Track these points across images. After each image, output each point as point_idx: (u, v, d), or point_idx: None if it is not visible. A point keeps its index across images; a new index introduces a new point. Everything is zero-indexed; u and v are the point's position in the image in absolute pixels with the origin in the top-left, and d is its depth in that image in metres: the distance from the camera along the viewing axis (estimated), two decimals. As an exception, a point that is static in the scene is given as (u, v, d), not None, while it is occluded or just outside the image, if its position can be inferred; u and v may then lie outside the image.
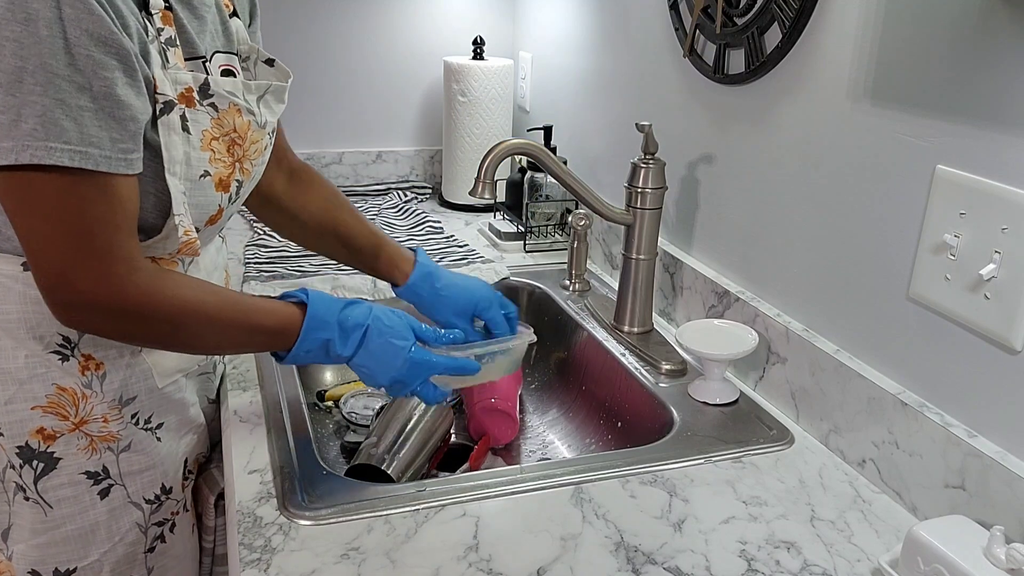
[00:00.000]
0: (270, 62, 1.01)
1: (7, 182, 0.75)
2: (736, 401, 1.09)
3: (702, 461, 0.96)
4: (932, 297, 0.86)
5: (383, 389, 0.96)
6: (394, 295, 1.15)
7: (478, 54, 1.87)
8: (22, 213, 0.76)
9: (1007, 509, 0.77)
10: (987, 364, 0.81)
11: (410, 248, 1.15)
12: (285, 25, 1.89)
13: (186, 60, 0.86)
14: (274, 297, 0.93)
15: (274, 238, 1.62)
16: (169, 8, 0.84)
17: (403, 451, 1.04)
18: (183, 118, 0.85)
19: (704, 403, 1.08)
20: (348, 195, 1.98)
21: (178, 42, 0.85)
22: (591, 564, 0.79)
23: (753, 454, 0.98)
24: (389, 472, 1.00)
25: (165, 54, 0.83)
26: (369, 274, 1.15)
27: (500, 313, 1.11)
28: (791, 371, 1.05)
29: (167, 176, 0.84)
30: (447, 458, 1.15)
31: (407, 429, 1.06)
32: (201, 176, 0.88)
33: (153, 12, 0.82)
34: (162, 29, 0.83)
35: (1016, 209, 0.76)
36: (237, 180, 0.94)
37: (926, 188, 0.86)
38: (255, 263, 1.50)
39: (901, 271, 0.90)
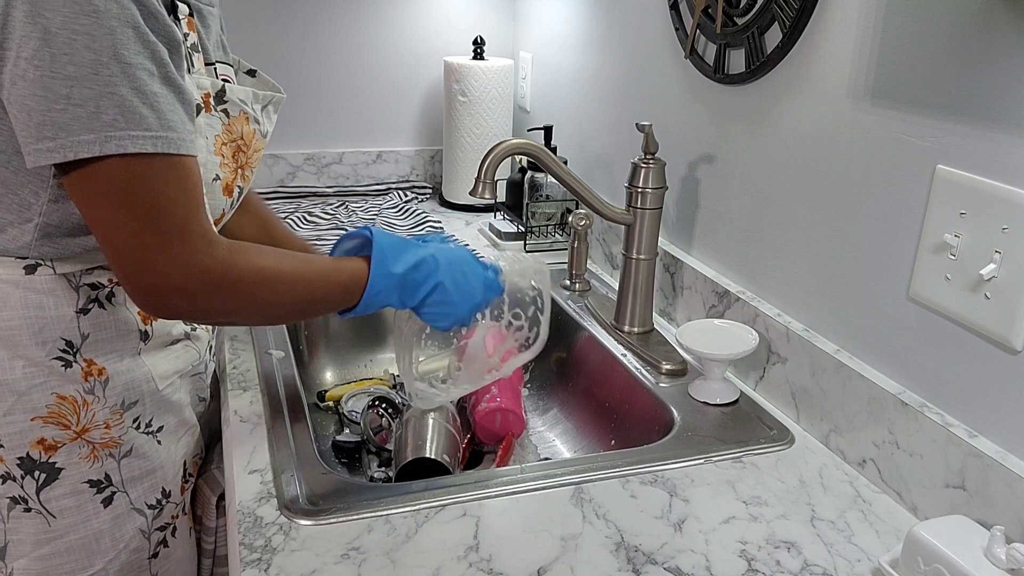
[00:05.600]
0: (251, 73, 1.02)
1: (81, 174, 0.75)
2: (736, 401, 1.09)
3: (702, 461, 0.97)
4: (932, 297, 0.86)
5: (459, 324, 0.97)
6: None
7: (478, 54, 1.87)
8: (96, 203, 0.76)
9: (1007, 509, 0.77)
10: (987, 364, 0.81)
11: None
12: (285, 25, 1.89)
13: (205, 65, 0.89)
14: (338, 244, 0.95)
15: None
16: (191, 14, 0.85)
17: (446, 446, 1.05)
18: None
19: (704, 403, 1.08)
20: (348, 195, 1.99)
21: (200, 48, 0.87)
22: (591, 564, 0.79)
23: (753, 454, 0.98)
24: (447, 464, 1.02)
25: (191, 59, 0.84)
26: None
27: None
28: (791, 371, 1.05)
29: None
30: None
31: (436, 425, 1.07)
32: (213, 180, 0.89)
33: (180, 17, 0.83)
34: (188, 34, 0.84)
35: (1016, 209, 0.76)
36: (239, 186, 0.95)
37: (926, 188, 0.86)
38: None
39: (901, 271, 0.90)
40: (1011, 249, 0.77)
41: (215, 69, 0.92)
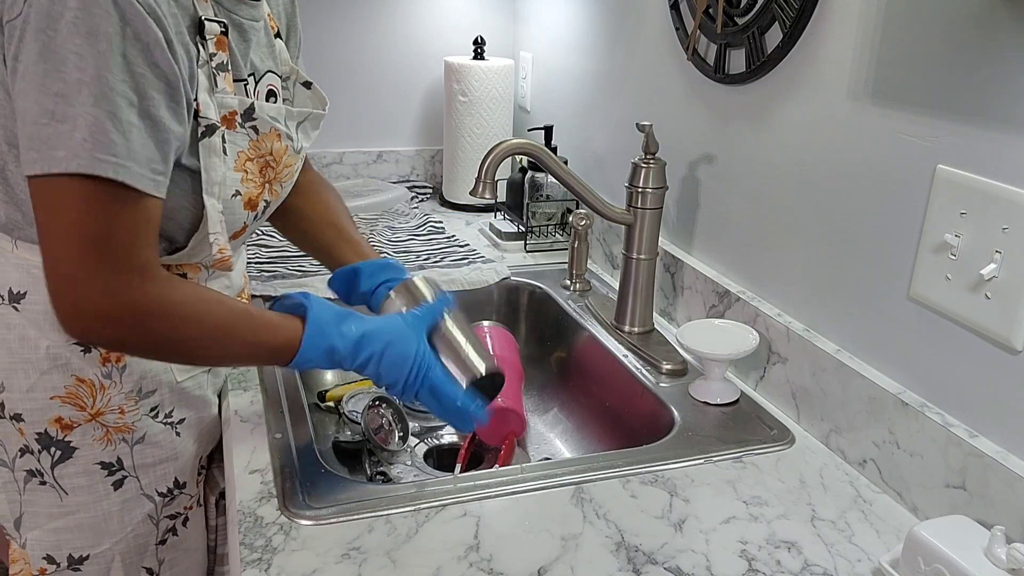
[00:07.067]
0: (308, 85, 1.03)
1: (45, 184, 0.76)
2: (737, 401, 1.09)
3: (702, 461, 0.96)
4: (933, 297, 0.86)
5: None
6: None
7: (479, 54, 1.87)
8: (48, 215, 0.77)
9: (1008, 509, 0.77)
10: (988, 364, 0.81)
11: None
12: (285, 25, 1.89)
13: (233, 82, 0.89)
14: (276, 303, 0.93)
15: (274, 237, 1.62)
16: (224, 33, 0.85)
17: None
18: (223, 139, 0.87)
19: (705, 403, 1.08)
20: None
21: (229, 67, 0.87)
22: (592, 564, 0.79)
23: (754, 454, 0.98)
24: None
25: (215, 78, 0.85)
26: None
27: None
28: (792, 371, 1.05)
29: (205, 197, 0.86)
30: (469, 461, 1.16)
31: (468, 337, 1.01)
32: (233, 195, 0.90)
33: (208, 38, 0.83)
34: (215, 54, 0.85)
35: (1016, 209, 0.76)
36: (265, 200, 0.96)
37: (926, 188, 0.86)
38: (256, 263, 1.50)
39: (902, 271, 0.90)
40: (1011, 249, 0.77)
41: (245, 86, 0.92)
